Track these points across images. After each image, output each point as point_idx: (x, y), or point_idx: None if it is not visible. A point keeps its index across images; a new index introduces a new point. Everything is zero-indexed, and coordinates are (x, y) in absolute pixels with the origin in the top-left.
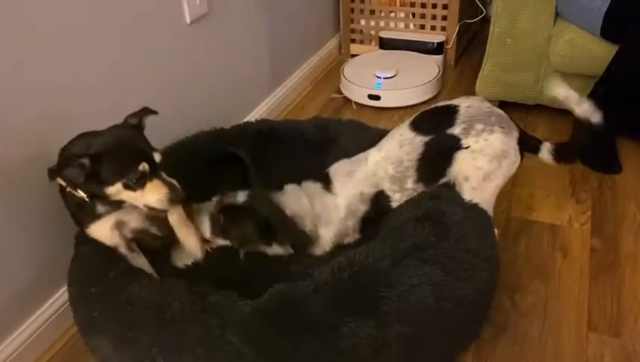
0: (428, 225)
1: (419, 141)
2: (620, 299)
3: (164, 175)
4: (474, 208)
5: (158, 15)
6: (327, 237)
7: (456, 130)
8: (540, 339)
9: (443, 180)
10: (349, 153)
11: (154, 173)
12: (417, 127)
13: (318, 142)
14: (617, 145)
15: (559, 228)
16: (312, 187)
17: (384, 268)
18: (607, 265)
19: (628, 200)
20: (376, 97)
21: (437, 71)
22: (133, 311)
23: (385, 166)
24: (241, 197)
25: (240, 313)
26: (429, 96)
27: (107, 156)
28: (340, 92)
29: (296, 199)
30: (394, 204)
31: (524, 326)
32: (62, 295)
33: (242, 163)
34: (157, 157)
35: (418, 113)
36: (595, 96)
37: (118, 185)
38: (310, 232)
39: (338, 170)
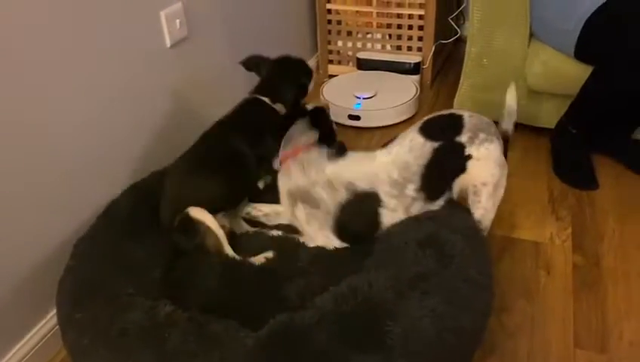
0: (429, 252)
1: (429, 147)
2: (605, 314)
3: None
4: (473, 234)
5: (138, 38)
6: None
7: (463, 138)
8: (528, 359)
9: (445, 196)
10: None
11: None
12: (427, 133)
13: None
14: (593, 162)
15: (541, 245)
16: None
17: (388, 300)
18: (589, 280)
19: (606, 216)
20: (356, 117)
21: (415, 90)
22: (129, 341)
23: (390, 170)
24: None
25: (243, 346)
26: (408, 115)
27: None
28: None
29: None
30: (383, 211)
31: (512, 346)
32: None
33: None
34: None
35: (424, 120)
36: (570, 115)
37: None
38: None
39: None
